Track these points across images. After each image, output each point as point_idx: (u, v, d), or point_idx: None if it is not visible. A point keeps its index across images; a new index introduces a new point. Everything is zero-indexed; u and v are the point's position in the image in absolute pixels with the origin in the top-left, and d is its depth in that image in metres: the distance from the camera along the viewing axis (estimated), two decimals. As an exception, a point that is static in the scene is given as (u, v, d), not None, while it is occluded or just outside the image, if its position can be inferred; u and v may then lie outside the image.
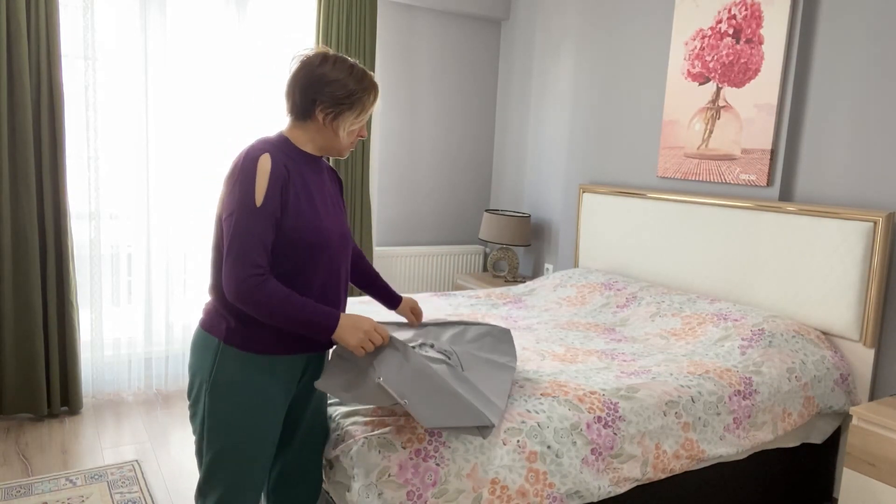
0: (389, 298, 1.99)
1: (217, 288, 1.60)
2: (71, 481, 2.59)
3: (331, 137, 1.63)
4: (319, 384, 1.60)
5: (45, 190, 3.06)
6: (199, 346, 1.60)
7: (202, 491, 1.62)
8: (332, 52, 1.62)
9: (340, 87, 1.57)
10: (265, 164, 1.50)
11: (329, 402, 1.92)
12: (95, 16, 3.21)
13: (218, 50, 3.55)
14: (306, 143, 1.64)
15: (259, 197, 1.49)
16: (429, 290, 4.47)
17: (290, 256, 1.56)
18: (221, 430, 1.56)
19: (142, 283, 3.52)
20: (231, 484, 1.59)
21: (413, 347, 1.82)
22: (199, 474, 1.64)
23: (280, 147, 1.58)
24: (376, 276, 2.00)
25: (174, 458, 2.85)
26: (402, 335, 1.94)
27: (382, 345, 1.63)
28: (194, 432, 1.63)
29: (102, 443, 2.96)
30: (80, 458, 2.80)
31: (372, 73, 1.66)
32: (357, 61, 1.64)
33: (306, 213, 1.57)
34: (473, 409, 1.56)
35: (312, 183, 1.62)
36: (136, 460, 2.79)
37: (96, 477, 2.64)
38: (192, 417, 1.63)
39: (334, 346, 1.71)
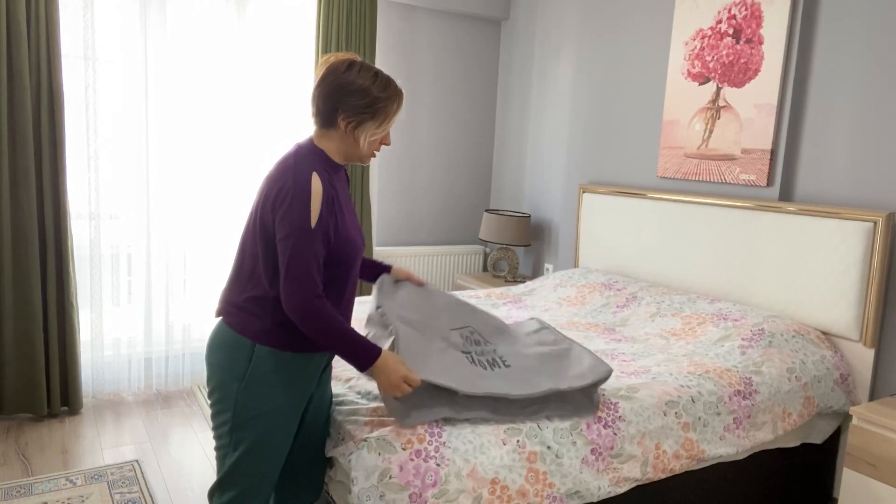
0: (379, 269, 1.99)
1: (246, 288, 1.60)
2: (71, 481, 2.59)
3: (352, 146, 1.63)
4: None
5: (45, 190, 3.06)
6: (226, 345, 1.59)
7: (223, 485, 1.62)
8: (359, 59, 1.61)
9: (363, 96, 1.56)
10: (317, 185, 1.52)
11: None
12: (95, 16, 3.21)
13: (218, 50, 3.55)
14: (334, 152, 1.64)
15: (313, 218, 1.51)
16: (429, 290, 4.47)
17: (329, 270, 1.59)
18: (254, 425, 1.57)
19: (142, 283, 3.51)
20: (254, 478, 1.61)
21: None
22: (217, 469, 1.64)
23: (320, 162, 1.59)
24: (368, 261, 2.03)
25: (174, 458, 2.85)
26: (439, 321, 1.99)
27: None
28: (217, 428, 1.62)
29: (102, 443, 2.96)
30: (80, 458, 2.80)
31: (396, 82, 1.64)
32: (382, 69, 1.64)
33: (344, 231, 1.60)
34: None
35: (343, 195, 1.65)
36: (136, 460, 2.79)
37: (96, 477, 2.64)
38: (218, 414, 1.62)
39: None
